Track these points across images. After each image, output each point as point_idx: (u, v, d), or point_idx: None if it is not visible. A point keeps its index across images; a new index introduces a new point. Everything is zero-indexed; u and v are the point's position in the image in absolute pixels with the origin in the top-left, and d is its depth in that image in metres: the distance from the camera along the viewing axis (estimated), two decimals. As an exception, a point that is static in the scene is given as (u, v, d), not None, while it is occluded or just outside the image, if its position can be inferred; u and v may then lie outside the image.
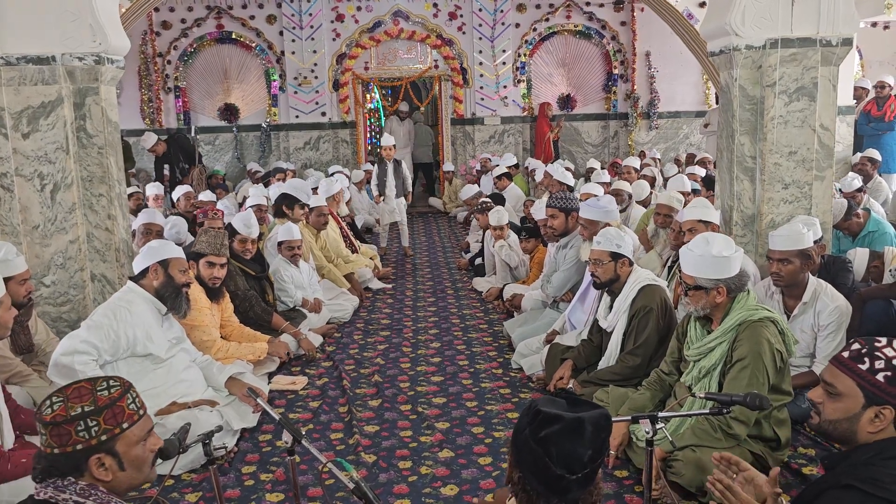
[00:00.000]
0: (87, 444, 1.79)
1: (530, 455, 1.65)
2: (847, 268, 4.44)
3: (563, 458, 1.62)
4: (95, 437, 1.80)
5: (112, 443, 1.83)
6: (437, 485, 3.36)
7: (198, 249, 4.50)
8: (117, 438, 1.83)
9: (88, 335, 3.48)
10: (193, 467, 3.45)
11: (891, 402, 1.82)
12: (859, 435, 1.88)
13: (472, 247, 8.22)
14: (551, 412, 1.66)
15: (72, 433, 1.78)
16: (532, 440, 1.65)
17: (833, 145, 4.62)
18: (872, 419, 1.85)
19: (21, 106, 4.36)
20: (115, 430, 1.83)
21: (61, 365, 3.38)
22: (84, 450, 1.79)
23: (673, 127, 12.74)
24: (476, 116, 12.34)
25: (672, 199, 5.51)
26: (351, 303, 6.26)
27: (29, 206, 4.43)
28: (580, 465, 1.62)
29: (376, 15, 11.90)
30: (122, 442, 1.85)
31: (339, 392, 4.48)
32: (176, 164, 9.71)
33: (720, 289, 3.15)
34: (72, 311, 4.55)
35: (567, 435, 1.63)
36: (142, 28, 11.48)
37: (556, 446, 1.62)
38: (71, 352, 3.40)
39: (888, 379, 1.83)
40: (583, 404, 1.74)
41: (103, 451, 1.82)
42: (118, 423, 1.84)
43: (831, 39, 4.45)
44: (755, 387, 2.97)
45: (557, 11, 12.27)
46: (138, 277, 3.81)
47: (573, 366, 4.15)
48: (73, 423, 1.78)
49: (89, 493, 1.78)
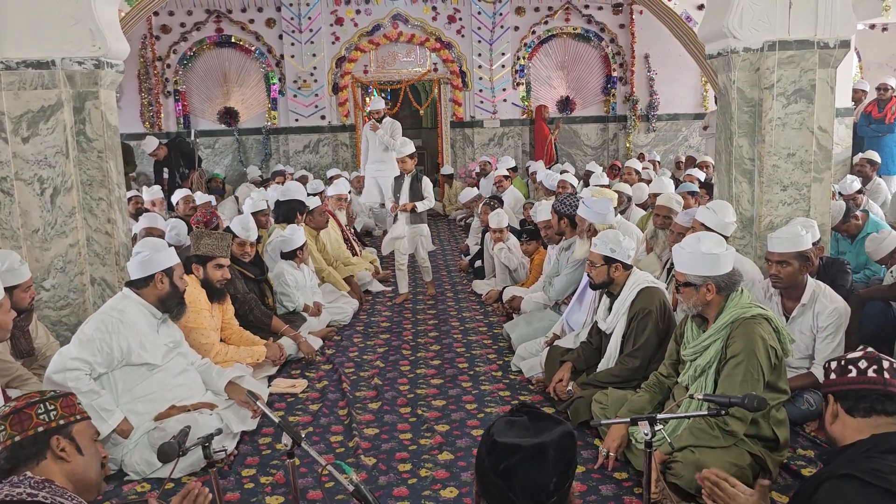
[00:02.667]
0: (47, 425, 1.96)
1: (493, 487, 1.52)
2: (845, 269, 4.45)
3: (527, 490, 1.49)
4: (55, 420, 1.98)
5: (69, 428, 2.00)
6: (436, 487, 3.36)
7: (205, 252, 4.46)
8: (72, 425, 2.02)
9: (79, 351, 3.41)
10: (193, 470, 3.45)
11: (828, 391, 2.10)
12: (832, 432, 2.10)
13: (472, 249, 8.22)
14: (508, 442, 1.52)
15: (33, 416, 1.95)
16: (492, 473, 1.52)
17: (831, 147, 4.63)
18: (831, 412, 2.09)
19: (21, 110, 4.37)
20: (70, 417, 2.02)
21: (54, 382, 3.35)
22: (45, 431, 1.96)
23: (672, 129, 12.77)
24: (475, 119, 12.36)
25: (671, 199, 5.48)
26: (351, 306, 6.27)
27: (29, 209, 4.44)
28: (546, 494, 1.50)
29: (375, 18, 11.92)
30: (78, 432, 2.02)
31: (339, 395, 4.48)
32: (176, 168, 9.72)
33: (709, 286, 3.16)
34: (71, 314, 4.55)
35: (529, 465, 1.49)
36: (141, 32, 11.50)
37: (519, 478, 1.49)
38: (61, 370, 3.35)
39: (825, 376, 2.15)
40: (545, 420, 1.60)
41: (62, 433, 1.98)
42: (72, 412, 2.03)
43: (829, 41, 4.45)
44: (750, 383, 2.97)
45: (556, 14, 12.30)
46: (139, 285, 3.71)
47: (572, 368, 4.15)
48: (34, 407, 1.97)
49: (43, 485, 1.85)
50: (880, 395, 1.99)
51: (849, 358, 2.08)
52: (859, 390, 2.02)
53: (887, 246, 4.75)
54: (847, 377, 2.05)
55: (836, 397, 2.07)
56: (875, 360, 2.04)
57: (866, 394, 2.01)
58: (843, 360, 2.09)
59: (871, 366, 2.03)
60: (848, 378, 2.05)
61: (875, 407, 1.99)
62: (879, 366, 2.02)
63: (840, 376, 2.07)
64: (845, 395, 2.05)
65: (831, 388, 2.10)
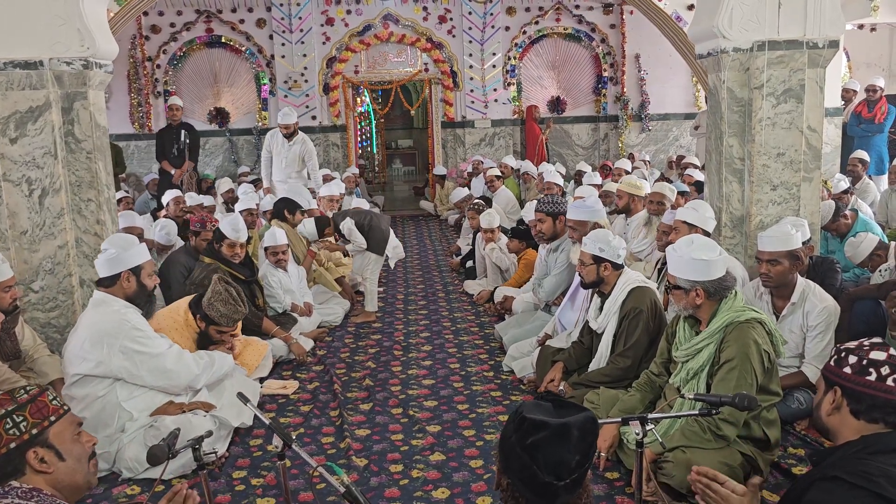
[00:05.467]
0: (19, 440, 1.82)
1: (517, 462, 1.63)
2: (835, 268, 4.47)
3: (550, 464, 1.60)
4: (27, 432, 1.83)
5: (44, 435, 1.86)
6: (428, 488, 3.35)
7: (214, 318, 4.18)
8: (48, 430, 1.87)
9: (155, 347, 3.59)
10: (184, 472, 3.43)
11: (836, 381, 1.99)
12: (827, 422, 2.02)
13: (463, 249, 8.22)
14: (537, 419, 1.64)
15: (2, 434, 1.81)
16: (518, 447, 1.63)
17: (821, 147, 4.65)
18: (831, 402, 2.00)
19: (9, 111, 4.34)
20: (43, 422, 1.87)
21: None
22: (18, 447, 1.82)
23: (663, 129, 12.80)
24: (466, 119, 12.36)
25: (664, 187, 5.66)
26: (342, 306, 6.26)
27: (17, 211, 4.40)
28: (568, 471, 1.61)
29: (366, 18, 11.91)
30: (54, 434, 1.88)
31: (330, 396, 4.47)
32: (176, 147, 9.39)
33: (698, 290, 3.17)
34: (60, 316, 4.52)
35: (553, 441, 1.61)
36: (131, 32, 11.45)
37: (543, 453, 1.61)
38: (177, 377, 3.63)
39: (836, 362, 2.01)
40: (569, 407, 1.72)
41: (38, 444, 1.85)
42: (45, 416, 1.88)
43: (818, 42, 4.47)
44: (743, 387, 2.98)
45: (547, 14, 12.31)
46: (105, 283, 3.63)
47: (564, 368, 4.15)
48: (0, 423, 1.81)
49: (31, 495, 1.79)
50: (893, 407, 1.91)
51: (872, 358, 1.94)
52: (875, 397, 1.91)
53: (865, 249, 4.77)
54: (865, 379, 1.92)
55: (846, 393, 1.96)
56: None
57: (882, 404, 1.91)
58: (864, 359, 1.94)
59: (892, 374, 1.91)
60: (866, 381, 1.92)
61: (886, 418, 1.91)
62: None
63: (857, 374, 1.94)
64: (858, 398, 1.93)
65: (843, 382, 1.97)
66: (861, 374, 1.93)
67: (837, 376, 1.99)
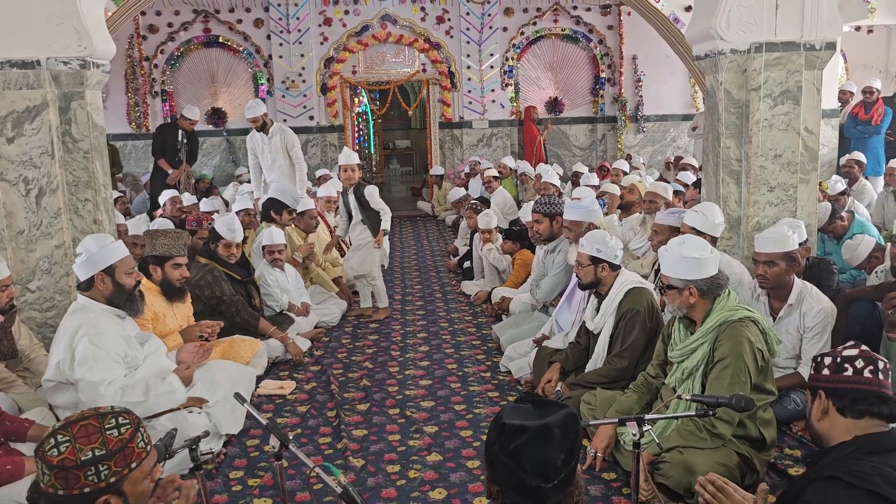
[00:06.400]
0: (95, 486, 1.75)
1: (503, 469, 1.62)
2: (832, 270, 4.48)
3: (536, 467, 1.59)
4: (104, 481, 1.76)
5: (120, 484, 1.78)
6: (425, 489, 3.35)
7: (162, 252, 4.26)
8: (125, 479, 1.79)
9: (98, 372, 3.32)
10: (181, 472, 3.41)
11: (818, 386, 2.06)
12: (819, 429, 2.07)
13: (460, 250, 8.22)
14: (516, 423, 1.63)
15: (80, 477, 1.73)
16: (502, 454, 1.62)
17: (818, 148, 4.65)
18: (819, 407, 2.05)
19: (6, 110, 4.33)
20: (123, 470, 1.79)
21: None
22: (91, 493, 1.75)
23: (660, 130, 12.82)
24: (464, 120, 12.37)
25: (658, 186, 5.70)
26: (339, 307, 6.25)
27: (14, 211, 4.40)
28: (554, 471, 1.60)
29: (364, 19, 11.91)
30: (130, 481, 1.81)
31: (328, 396, 4.47)
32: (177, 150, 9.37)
33: (691, 289, 3.17)
34: (57, 316, 4.50)
35: (536, 443, 1.60)
36: (128, 32, 11.44)
37: (528, 457, 1.60)
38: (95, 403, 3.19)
39: (814, 369, 2.10)
40: (548, 406, 1.71)
41: (110, 492, 1.77)
42: (127, 464, 1.79)
43: (815, 43, 4.48)
44: (737, 386, 2.99)
45: (545, 15, 12.33)
46: (84, 287, 3.56)
47: (561, 368, 4.16)
48: (83, 469, 1.73)
49: None
50: (875, 397, 1.96)
51: (845, 356, 2.03)
52: (855, 390, 1.97)
53: (862, 251, 4.79)
54: (843, 375, 2.00)
55: (829, 394, 2.02)
56: (871, 360, 2.00)
57: (863, 395, 1.97)
58: (837, 357, 2.03)
59: (867, 366, 1.98)
60: (843, 377, 1.99)
61: (870, 409, 1.96)
62: (875, 366, 1.98)
63: (834, 373, 2.01)
64: (840, 394, 2.00)
65: (823, 385, 2.04)
66: (838, 372, 2.02)
67: (818, 381, 2.07)
